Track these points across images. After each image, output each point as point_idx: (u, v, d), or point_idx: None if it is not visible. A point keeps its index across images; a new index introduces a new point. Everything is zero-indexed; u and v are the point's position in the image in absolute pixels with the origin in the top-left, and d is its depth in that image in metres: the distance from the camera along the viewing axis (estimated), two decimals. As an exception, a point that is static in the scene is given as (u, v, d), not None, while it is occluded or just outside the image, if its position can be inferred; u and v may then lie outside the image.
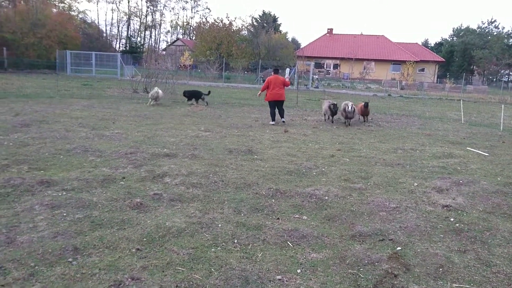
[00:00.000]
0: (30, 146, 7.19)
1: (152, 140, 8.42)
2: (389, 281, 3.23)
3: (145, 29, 73.83)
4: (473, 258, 3.72)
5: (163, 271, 3.19)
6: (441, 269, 3.46)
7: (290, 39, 65.90)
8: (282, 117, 12.25)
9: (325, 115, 13.43)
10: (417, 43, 57.77)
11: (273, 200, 5.15)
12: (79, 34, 44.92)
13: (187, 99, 16.51)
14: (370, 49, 52.66)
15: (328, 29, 58.74)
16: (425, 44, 71.43)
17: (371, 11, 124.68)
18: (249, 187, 5.59)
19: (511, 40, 59.54)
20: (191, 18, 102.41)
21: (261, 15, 64.86)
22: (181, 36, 76.96)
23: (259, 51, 43.01)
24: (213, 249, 3.67)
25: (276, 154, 7.83)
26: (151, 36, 76.46)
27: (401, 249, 3.84)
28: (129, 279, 3.00)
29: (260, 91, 12.82)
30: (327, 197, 5.31)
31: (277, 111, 12.24)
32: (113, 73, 31.71)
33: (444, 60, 55.01)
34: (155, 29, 76.74)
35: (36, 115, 10.72)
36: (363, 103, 13.20)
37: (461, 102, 17.61)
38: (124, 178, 5.65)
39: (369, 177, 6.46)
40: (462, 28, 68.81)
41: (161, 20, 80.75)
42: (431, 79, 49.51)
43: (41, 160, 6.32)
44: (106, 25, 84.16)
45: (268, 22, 61.94)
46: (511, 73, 60.06)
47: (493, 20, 72.17)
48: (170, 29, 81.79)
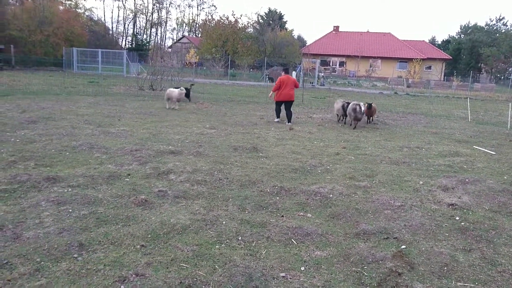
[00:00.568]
0: (36, 142, 7.25)
1: (157, 137, 8.44)
2: (393, 279, 3.23)
3: (151, 27, 73.98)
4: (478, 257, 3.70)
5: (167, 268, 3.21)
6: (445, 268, 3.45)
7: (296, 37, 65.69)
8: (289, 121, 11.86)
9: (338, 115, 12.94)
10: (424, 41, 57.35)
11: (278, 197, 5.15)
12: (86, 31, 45.09)
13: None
14: (376, 47, 52.38)
15: (334, 27, 58.50)
16: (432, 41, 70.97)
17: (377, 8, 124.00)
18: (253, 184, 5.60)
19: (520, 37, 58.87)
20: (197, 15, 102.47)
21: (267, 12, 64.73)
22: (187, 33, 77.07)
23: (265, 49, 42.95)
24: (217, 246, 3.68)
25: (281, 151, 7.83)
26: (157, 33, 76.63)
27: (405, 248, 3.83)
28: (134, 275, 3.02)
29: (271, 92, 12.27)
30: (331, 195, 5.30)
31: (285, 112, 12.03)
32: (119, 70, 31.81)
33: (451, 57, 54.59)
34: (161, 27, 76.88)
35: (42, 112, 10.80)
36: (366, 104, 12.96)
37: (468, 100, 17.48)
38: (129, 175, 5.68)
39: (374, 175, 6.43)
40: (469, 25, 68.25)
41: (167, 17, 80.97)
42: (438, 77, 49.16)
43: (48, 156, 6.37)
44: (112, 23, 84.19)
45: (274, 19, 61.80)
46: (519, 71, 59.44)
47: (501, 17, 71.38)
48: (176, 26, 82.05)
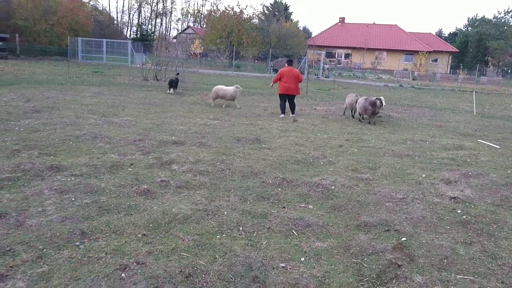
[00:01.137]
0: (40, 131, 7.28)
1: (160, 127, 8.46)
2: (392, 271, 3.24)
3: (156, 17, 73.81)
4: (478, 250, 3.70)
5: (168, 257, 3.23)
6: (445, 261, 3.45)
7: (301, 28, 65.29)
8: (292, 112, 11.71)
9: (350, 110, 12.22)
10: (430, 33, 56.77)
11: (280, 189, 5.16)
12: (90, 21, 45.00)
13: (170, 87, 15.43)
14: (382, 39, 51.93)
15: (340, 18, 58.00)
16: (439, 34, 70.26)
17: (384, 0, 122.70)
18: (256, 175, 5.61)
19: (528, 30, 58.15)
20: (202, 6, 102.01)
21: (272, 3, 64.22)
22: (191, 24, 76.81)
23: (270, 40, 42.70)
24: (218, 236, 3.70)
25: (284, 143, 7.82)
26: (161, 24, 76.47)
27: (406, 240, 3.83)
28: (135, 263, 3.05)
29: (272, 83, 12.27)
30: (333, 187, 5.30)
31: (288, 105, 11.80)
32: (123, 60, 31.78)
33: (458, 50, 54.05)
34: (166, 17, 76.71)
35: (47, 101, 10.83)
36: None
37: (474, 93, 17.34)
38: (132, 164, 5.70)
39: (377, 167, 6.42)
40: (477, 18, 67.49)
41: (172, 7, 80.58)
42: (444, 70, 48.74)
43: (51, 145, 6.40)
44: (117, 12, 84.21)
45: (279, 10, 61.30)
46: (526, 65, 58.81)
47: (509, 10, 70.28)
48: (181, 16, 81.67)
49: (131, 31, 72.21)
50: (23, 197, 4.27)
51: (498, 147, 8.76)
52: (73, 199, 4.28)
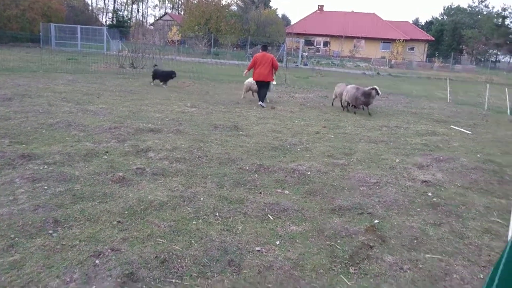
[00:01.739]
0: (11, 120, 7.08)
1: (137, 115, 8.35)
2: (364, 252, 3.33)
3: (133, 3, 72.10)
4: (447, 230, 3.84)
5: (143, 243, 3.23)
6: (415, 241, 3.57)
7: (280, 16, 64.96)
8: (261, 100, 11.04)
9: (337, 99, 11.82)
10: (407, 22, 57.46)
11: (256, 175, 5.19)
12: (64, 6, 43.57)
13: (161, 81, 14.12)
14: (360, 27, 52.25)
15: (318, 6, 58.00)
16: (416, 22, 71.10)
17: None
18: (233, 162, 5.62)
19: (501, 19, 59.52)
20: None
21: (251, -10, 63.63)
22: (169, 10, 75.36)
23: (249, 27, 42.42)
24: (194, 222, 3.71)
25: (261, 130, 7.85)
26: (138, 10, 74.87)
27: (378, 222, 3.94)
28: (109, 250, 3.03)
29: (246, 70, 11.71)
30: (309, 172, 5.37)
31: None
32: (99, 47, 31.01)
33: (433, 39, 54.90)
34: (143, 3, 75.00)
35: (18, 89, 10.51)
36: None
37: (448, 81, 17.72)
38: (107, 152, 5.63)
39: (352, 153, 6.53)
40: (452, 7, 68.62)
41: (148, -7, 78.72)
42: (420, 58, 49.54)
43: (23, 134, 6.24)
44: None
45: (258, -3, 60.82)
46: (499, 53, 60.40)
47: (483, -1, 71.89)
48: (158, 3, 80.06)
49: (106, 17, 70.38)
50: (-6, 186, 4.17)
51: (469, 132, 9.02)
52: (46, 188, 4.21)
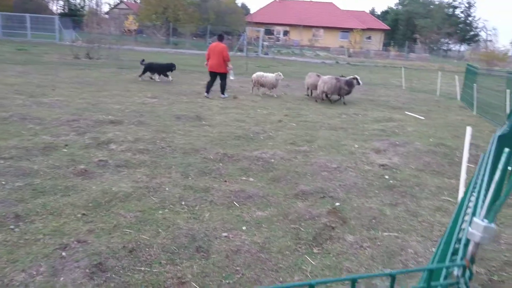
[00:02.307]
0: (-40, 114, 6.72)
1: (96, 107, 8.14)
2: (327, 233, 3.49)
3: (85, -10, 69.02)
4: (403, 210, 4.09)
5: (110, 233, 3.23)
6: (374, 221, 3.78)
7: (239, 5, 64.52)
8: (221, 91, 10.85)
9: (309, 88, 11.77)
10: (364, 11, 58.77)
11: (221, 164, 5.25)
12: (11, -6, 41.14)
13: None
14: (319, 17, 52.91)
15: (278, -5, 58.09)
16: (372, 12, 72.82)
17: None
18: (197, 152, 5.65)
19: (451, 9, 62.17)
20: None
21: (209, -22, 62.68)
22: (125, -2, 72.80)
23: (208, 16, 41.88)
24: (160, 211, 3.74)
25: (224, 120, 7.89)
26: (92, -2, 71.68)
27: (339, 205, 4.12)
28: (75, 242, 3.01)
29: (206, 61, 11.06)
30: (273, 160, 5.49)
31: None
32: (51, 37, 29.62)
33: (389, 28, 56.55)
34: (96, -9, 72.01)
35: (-35, 81, 9.94)
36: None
37: (403, 69, 18.41)
38: (67, 145, 5.49)
39: (314, 140, 6.72)
40: (407, -3, 70.80)
41: (102, -20, 75.71)
42: (377, 47, 50.94)
43: (-26, 128, 5.96)
44: (41, -15, 77.38)
45: (216, -14, 60.05)
46: (450, 42, 63.11)
47: (435, -11, 74.63)
48: (112, -9, 77.05)
49: (57, 5, 67.07)
50: None
51: (423, 118, 9.48)
52: (4, 183, 4.07)
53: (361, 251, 3.23)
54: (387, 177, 5.06)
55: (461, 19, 61.74)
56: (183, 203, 3.95)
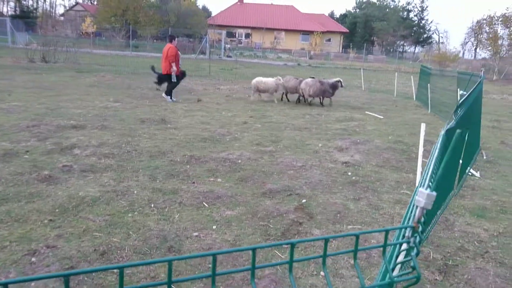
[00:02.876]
0: None
1: (56, 112, 7.93)
2: (295, 228, 3.63)
3: (38, -8, 66.39)
4: (365, 204, 4.30)
5: (80, 238, 3.21)
6: (338, 215, 3.96)
7: (200, 7, 64.28)
8: (165, 93, 10.47)
9: (286, 94, 11.61)
10: (323, 14, 60.13)
11: (188, 166, 5.29)
12: (-43, -6, 38.98)
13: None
14: (280, 19, 53.63)
15: (238, -2, 58.35)
16: (331, 15, 74.67)
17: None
18: (163, 155, 5.65)
19: (405, 13, 64.80)
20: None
21: (169, -20, 62.00)
22: (81, 0, 70.71)
23: (169, 19, 41.47)
24: (130, 215, 3.74)
25: (190, 122, 7.91)
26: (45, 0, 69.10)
27: (306, 201, 4.28)
28: (45, 247, 2.98)
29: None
30: (240, 161, 5.59)
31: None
32: (3, 40, 28.33)
33: (348, 31, 58.14)
34: (51, -8, 69.44)
35: None
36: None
37: (362, 71, 19.05)
38: (28, 151, 5.34)
39: (279, 140, 6.88)
40: (363, 0, 73.06)
41: (57, -19, 73.10)
42: (337, 49, 52.25)
43: None
44: (-11, -15, 73.73)
45: (177, -12, 59.50)
46: (405, 44, 65.74)
47: (390, -7, 77.55)
48: (68, -8, 74.61)
49: (8, 7, 64.08)
50: None
51: (381, 117, 9.89)
52: (-37, 192, 3.93)
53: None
54: (349, 173, 5.28)
55: (415, 22, 64.50)
56: (152, 206, 3.97)
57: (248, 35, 53.63)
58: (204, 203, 4.12)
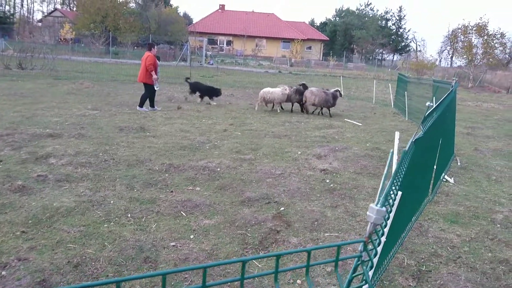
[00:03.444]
0: None
1: (31, 120, 7.77)
2: (272, 237, 3.64)
3: (15, -3, 65.14)
4: (342, 211, 4.35)
5: (53, 250, 3.14)
6: (316, 223, 3.99)
7: (181, 14, 64.18)
8: (139, 105, 10.14)
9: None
10: (304, 22, 60.84)
11: (167, 174, 5.26)
12: None
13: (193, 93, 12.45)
14: (261, 27, 54.01)
15: (220, 5, 58.55)
16: (312, 23, 75.56)
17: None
18: (141, 163, 5.60)
19: (384, 22, 66.13)
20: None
21: (149, -13, 61.70)
22: (59, 6, 69.68)
23: (149, 25, 41.24)
24: (105, 225, 3.69)
25: (169, 130, 7.86)
26: (22, 5, 67.86)
27: (284, 209, 4.30)
28: (16, 260, 2.91)
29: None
30: (219, 169, 5.59)
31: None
32: (-23, 46, 27.69)
33: (328, 39, 58.94)
34: (28, -3, 68.23)
35: None
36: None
37: (341, 78, 19.32)
38: (1, 161, 5.21)
39: (259, 148, 6.90)
40: (343, 9, 74.29)
41: (34, -13, 71.98)
42: (317, 56, 52.88)
43: None
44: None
45: (157, -5, 59.28)
46: (384, 52, 66.99)
47: (369, 3, 79.23)
48: (46, -3, 73.42)
49: (-17, 12, 62.60)
50: None
51: (360, 124, 10.04)
52: None
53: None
54: (328, 181, 5.34)
55: (393, 30, 65.85)
56: (129, 215, 3.92)
57: (229, 42, 53.80)
58: (182, 212, 4.10)
